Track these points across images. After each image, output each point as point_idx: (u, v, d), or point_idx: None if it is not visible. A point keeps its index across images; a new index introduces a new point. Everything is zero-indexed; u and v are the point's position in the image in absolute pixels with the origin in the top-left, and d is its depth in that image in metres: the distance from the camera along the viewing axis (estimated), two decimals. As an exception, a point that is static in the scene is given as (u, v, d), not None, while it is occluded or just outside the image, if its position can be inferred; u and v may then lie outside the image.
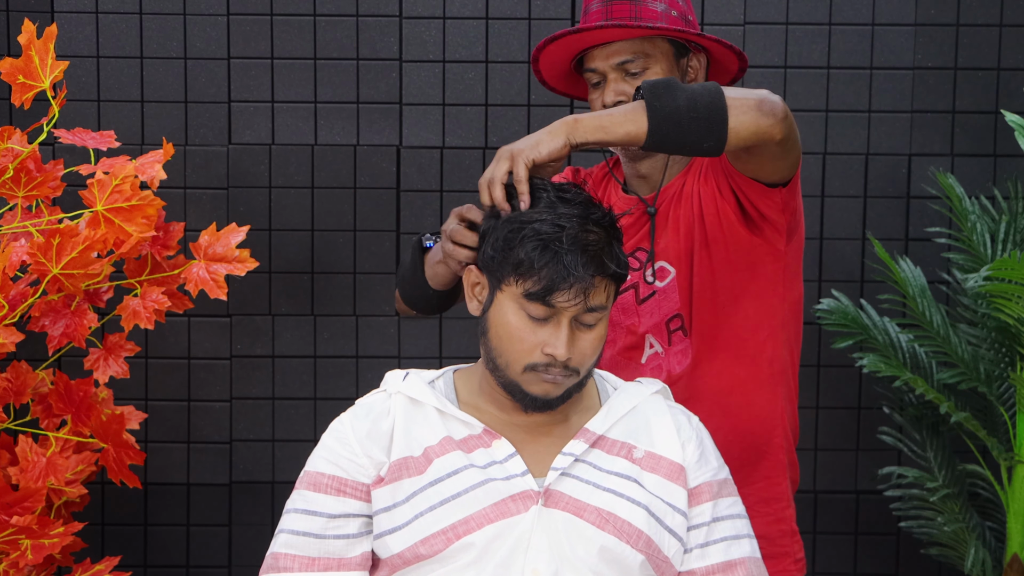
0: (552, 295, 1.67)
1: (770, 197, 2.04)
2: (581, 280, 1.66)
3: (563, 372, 1.72)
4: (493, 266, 1.73)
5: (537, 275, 1.67)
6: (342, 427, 1.80)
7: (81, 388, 2.69)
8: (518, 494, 1.71)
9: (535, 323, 1.70)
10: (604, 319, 1.74)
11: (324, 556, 1.75)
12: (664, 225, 2.11)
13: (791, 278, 2.13)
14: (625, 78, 2.07)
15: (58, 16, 3.17)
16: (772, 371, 2.12)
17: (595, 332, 1.73)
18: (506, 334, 1.72)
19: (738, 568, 1.79)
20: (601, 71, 2.08)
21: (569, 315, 1.70)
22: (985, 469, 2.96)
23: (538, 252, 1.67)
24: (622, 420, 1.82)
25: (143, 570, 3.26)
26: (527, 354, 1.71)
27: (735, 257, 2.08)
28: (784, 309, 2.12)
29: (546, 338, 1.70)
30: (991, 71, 3.22)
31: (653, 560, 1.74)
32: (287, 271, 3.22)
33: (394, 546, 1.72)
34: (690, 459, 1.81)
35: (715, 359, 2.10)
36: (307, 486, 1.79)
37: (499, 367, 1.75)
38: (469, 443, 1.77)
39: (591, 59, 2.09)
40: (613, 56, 2.07)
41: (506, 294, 1.72)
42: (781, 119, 1.85)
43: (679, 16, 2.10)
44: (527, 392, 1.74)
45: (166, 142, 2.74)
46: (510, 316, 1.71)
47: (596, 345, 1.74)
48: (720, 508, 1.81)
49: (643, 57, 2.07)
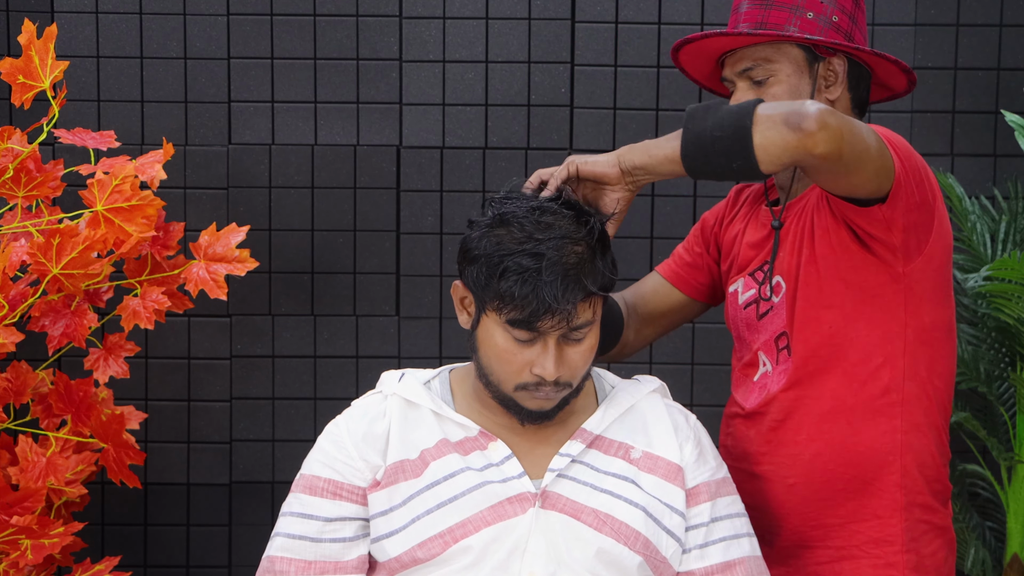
0: (535, 323, 1.67)
1: (869, 215, 1.88)
2: (562, 307, 1.66)
3: (554, 389, 1.72)
4: (477, 290, 1.72)
5: (519, 305, 1.66)
6: (337, 430, 1.80)
7: (81, 388, 2.69)
8: (515, 496, 1.71)
9: (522, 344, 1.70)
10: (593, 330, 1.74)
11: (320, 559, 1.75)
12: (785, 240, 2.02)
13: (918, 302, 1.95)
14: (752, 86, 1.99)
15: (58, 16, 3.17)
16: (888, 401, 1.95)
17: (584, 345, 1.73)
18: (495, 355, 1.72)
19: (737, 568, 1.79)
20: (730, 79, 2.03)
21: (555, 335, 1.70)
22: (985, 469, 2.96)
23: (518, 285, 1.66)
24: (619, 419, 1.82)
25: (143, 570, 3.26)
26: (516, 375, 1.71)
27: (847, 276, 1.94)
28: (907, 336, 1.95)
29: (534, 358, 1.70)
30: (991, 71, 3.22)
31: (651, 561, 1.74)
32: (287, 271, 3.22)
33: (391, 550, 1.72)
34: (688, 459, 1.81)
35: (818, 381, 1.97)
36: (303, 489, 1.78)
37: (492, 383, 1.76)
38: (465, 445, 1.77)
39: (724, 66, 2.04)
40: (737, 64, 2.00)
41: (490, 319, 1.72)
42: (815, 130, 1.69)
43: (818, 18, 1.97)
44: (522, 407, 1.74)
45: (166, 142, 2.74)
46: (497, 338, 1.71)
47: (587, 356, 1.74)
48: (719, 508, 1.81)
49: (765, 64, 1.98)
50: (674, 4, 3.20)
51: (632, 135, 3.21)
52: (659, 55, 3.20)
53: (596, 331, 1.74)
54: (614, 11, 3.19)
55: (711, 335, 3.25)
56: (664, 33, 3.20)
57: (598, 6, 3.20)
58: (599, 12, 3.20)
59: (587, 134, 3.21)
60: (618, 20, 3.20)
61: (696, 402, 3.23)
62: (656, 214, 3.23)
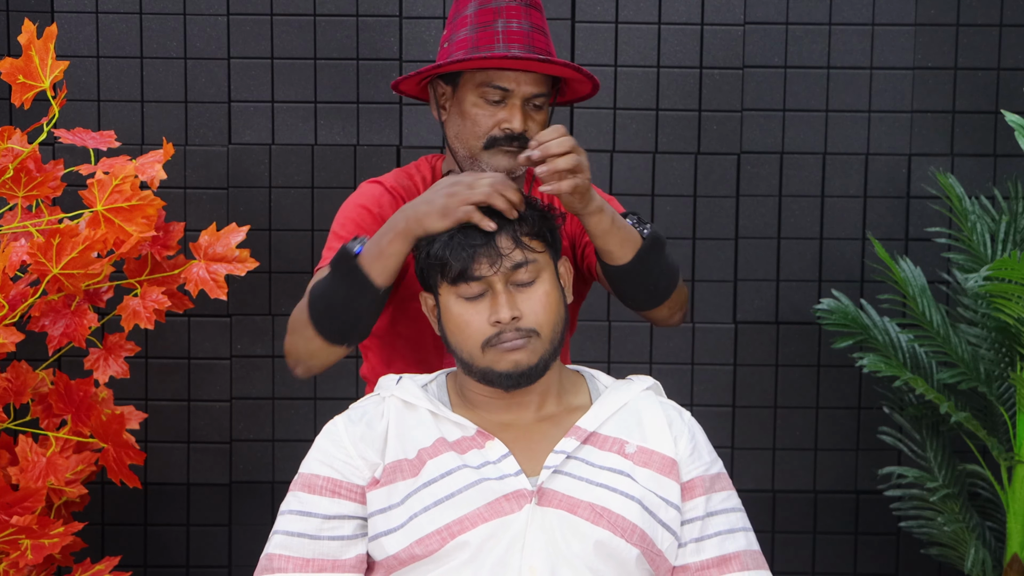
0: (469, 268, 1.76)
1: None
2: (485, 244, 1.77)
3: (519, 335, 1.76)
4: (427, 280, 1.84)
5: (452, 258, 1.77)
6: (336, 429, 1.81)
7: (81, 388, 2.69)
8: (511, 493, 1.72)
9: (475, 303, 1.78)
10: (545, 274, 1.81)
11: (319, 557, 1.75)
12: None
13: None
14: (530, 111, 2.07)
15: (58, 16, 3.17)
16: None
17: (538, 289, 1.79)
18: (455, 326, 1.79)
19: (733, 562, 1.80)
20: (514, 93, 2.06)
21: (499, 280, 1.77)
22: (985, 469, 2.96)
23: (447, 242, 1.80)
24: (613, 417, 1.83)
25: (143, 570, 3.26)
26: (479, 333, 1.77)
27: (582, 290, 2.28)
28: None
29: (488, 311, 1.77)
30: (991, 71, 3.22)
31: (648, 554, 1.74)
32: (287, 271, 3.22)
33: (389, 547, 1.72)
34: (682, 453, 1.82)
35: None
36: (302, 487, 1.79)
37: (466, 362, 1.80)
38: (463, 444, 1.78)
39: (504, 79, 2.05)
40: (531, 86, 2.06)
41: (443, 295, 1.80)
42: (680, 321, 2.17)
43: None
44: (499, 372, 1.77)
45: (166, 142, 2.74)
46: (453, 308, 1.79)
47: (544, 301, 1.79)
48: (714, 503, 1.82)
49: (546, 96, 2.09)
50: (674, 4, 3.20)
51: (632, 135, 3.21)
52: (659, 55, 3.21)
53: (549, 279, 1.81)
54: (614, 11, 3.19)
55: (711, 335, 3.26)
56: (664, 33, 3.20)
57: (598, 6, 3.20)
58: (599, 12, 3.20)
59: (587, 134, 3.21)
60: (618, 20, 3.20)
61: (696, 402, 3.23)
62: (656, 214, 3.23)
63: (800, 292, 3.25)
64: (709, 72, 3.21)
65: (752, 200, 3.24)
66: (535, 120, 2.07)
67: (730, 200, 3.23)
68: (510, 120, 2.05)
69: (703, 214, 3.23)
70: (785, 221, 3.25)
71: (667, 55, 3.20)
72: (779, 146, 3.23)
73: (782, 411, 3.28)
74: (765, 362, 3.26)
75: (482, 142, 2.06)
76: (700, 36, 3.21)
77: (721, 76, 3.21)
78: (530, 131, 2.05)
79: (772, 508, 3.28)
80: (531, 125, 2.06)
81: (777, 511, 3.28)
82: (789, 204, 3.25)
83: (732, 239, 3.24)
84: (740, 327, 3.26)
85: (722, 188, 3.23)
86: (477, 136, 2.06)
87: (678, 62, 3.21)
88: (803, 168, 3.24)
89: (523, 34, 2.06)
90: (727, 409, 3.26)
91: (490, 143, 2.05)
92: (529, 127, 2.06)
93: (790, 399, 3.27)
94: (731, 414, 3.26)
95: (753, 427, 3.27)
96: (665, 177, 3.23)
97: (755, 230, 3.24)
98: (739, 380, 3.26)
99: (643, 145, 3.22)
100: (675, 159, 3.23)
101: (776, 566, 3.23)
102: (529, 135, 2.05)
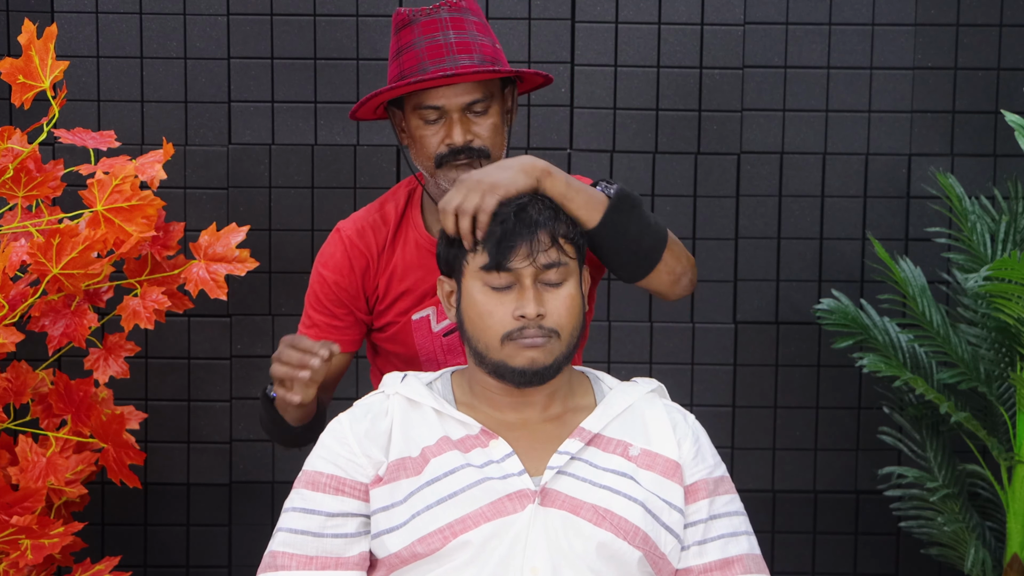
0: (505, 259, 1.75)
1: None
2: (526, 238, 1.76)
3: (540, 332, 1.76)
4: (452, 260, 1.83)
5: (489, 249, 1.77)
6: (340, 427, 1.81)
7: (81, 388, 2.69)
8: (514, 493, 1.72)
9: (501, 294, 1.77)
10: (572, 279, 1.80)
11: (322, 555, 1.76)
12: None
13: None
14: (471, 117, 2.08)
15: (58, 16, 3.17)
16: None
17: (564, 291, 1.79)
18: (476, 314, 1.78)
19: (736, 565, 1.80)
20: (446, 107, 2.06)
21: (529, 275, 1.76)
22: (985, 469, 2.96)
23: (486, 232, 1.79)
24: (618, 418, 1.83)
25: (143, 570, 3.26)
26: (500, 324, 1.76)
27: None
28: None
29: (514, 304, 1.76)
30: (991, 71, 3.22)
31: (650, 556, 1.74)
32: (287, 271, 3.22)
33: (392, 545, 1.72)
34: (686, 456, 1.82)
35: None
36: (305, 485, 1.79)
37: (480, 352, 1.79)
38: (466, 443, 1.78)
39: (433, 97, 2.06)
40: (462, 96, 2.06)
41: (468, 276, 1.80)
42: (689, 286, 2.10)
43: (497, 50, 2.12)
44: (513, 368, 1.77)
45: (166, 142, 2.74)
46: (477, 295, 1.78)
47: (568, 304, 1.79)
48: (717, 506, 1.82)
49: (489, 97, 2.08)
50: (674, 4, 3.20)
51: (632, 135, 3.21)
52: (659, 55, 3.21)
53: (574, 284, 1.81)
54: (614, 11, 3.19)
55: (711, 335, 3.26)
56: (664, 33, 3.20)
57: (598, 6, 3.20)
58: (599, 12, 3.20)
59: (587, 134, 3.21)
60: (618, 20, 3.20)
61: (696, 402, 3.23)
62: (656, 214, 3.23)
63: (800, 292, 3.25)
64: (709, 72, 3.21)
65: (752, 200, 3.24)
66: (481, 125, 2.08)
67: (730, 200, 3.23)
68: (451, 135, 2.06)
69: (703, 214, 3.23)
70: (785, 221, 3.25)
71: (667, 55, 3.20)
72: (779, 146, 3.23)
73: (782, 411, 3.28)
74: (765, 362, 3.26)
75: (432, 162, 2.08)
76: (700, 36, 3.21)
77: (721, 76, 3.21)
78: (477, 137, 2.07)
79: (772, 508, 3.28)
80: (477, 131, 2.07)
81: (777, 511, 3.28)
82: (789, 204, 3.25)
83: (732, 239, 3.24)
84: (740, 327, 3.26)
85: (722, 188, 3.23)
86: (428, 157, 2.08)
87: (678, 62, 3.21)
88: (803, 168, 3.24)
89: (442, 47, 2.06)
90: (727, 409, 3.26)
91: (439, 161, 2.07)
92: (474, 133, 2.07)
93: (790, 399, 3.27)
94: (731, 414, 3.26)
95: (753, 427, 3.27)
96: (665, 177, 3.23)
97: (755, 230, 3.24)
98: (739, 380, 3.26)
99: (643, 145, 3.22)
100: (675, 159, 3.23)
101: (776, 566, 3.23)
102: (476, 141, 2.06)
